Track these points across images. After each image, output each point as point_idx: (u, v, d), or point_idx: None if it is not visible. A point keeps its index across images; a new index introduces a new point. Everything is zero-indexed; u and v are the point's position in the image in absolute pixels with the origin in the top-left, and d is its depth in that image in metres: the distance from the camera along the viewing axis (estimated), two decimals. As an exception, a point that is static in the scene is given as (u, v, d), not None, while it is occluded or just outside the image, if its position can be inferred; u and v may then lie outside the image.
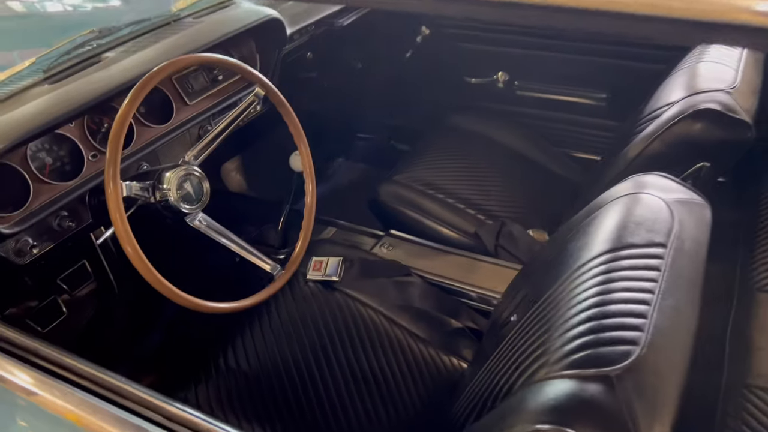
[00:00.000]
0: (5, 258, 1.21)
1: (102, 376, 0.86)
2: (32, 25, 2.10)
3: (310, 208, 1.37)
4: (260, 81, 1.29)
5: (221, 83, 1.64)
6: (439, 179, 1.85)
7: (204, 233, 1.27)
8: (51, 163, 1.29)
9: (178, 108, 1.52)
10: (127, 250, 1.02)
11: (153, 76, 1.10)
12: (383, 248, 1.67)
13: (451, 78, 2.24)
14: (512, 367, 0.86)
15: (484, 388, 0.96)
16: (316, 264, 1.52)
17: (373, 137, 2.59)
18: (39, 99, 1.26)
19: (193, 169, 1.23)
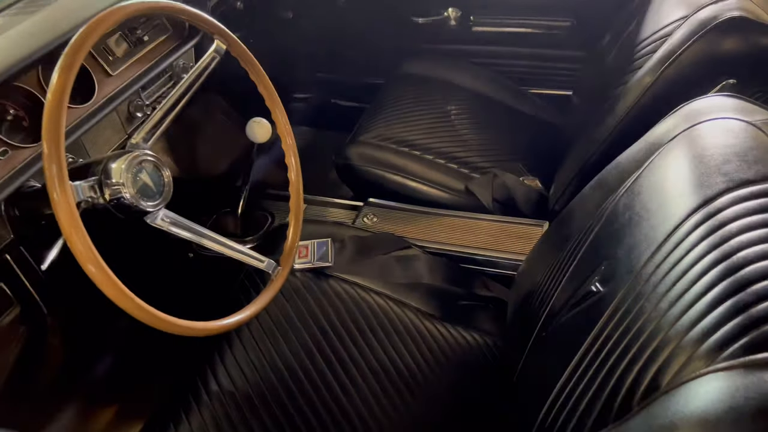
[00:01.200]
0: None
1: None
2: None
3: (297, 186, 1.13)
4: (222, 32, 1.02)
5: (146, 45, 1.33)
6: (411, 134, 1.64)
7: (169, 233, 1.00)
8: None
9: (100, 81, 1.21)
10: (91, 271, 0.76)
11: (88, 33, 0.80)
12: (367, 220, 1.46)
13: (397, 20, 2.01)
14: (631, 362, 0.69)
15: (571, 384, 0.79)
16: (301, 250, 1.29)
17: (310, 96, 2.33)
18: None
19: (147, 155, 0.95)
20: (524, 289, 1.16)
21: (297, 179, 1.12)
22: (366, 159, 1.57)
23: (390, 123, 1.68)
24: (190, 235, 1.01)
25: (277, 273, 1.05)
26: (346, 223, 1.43)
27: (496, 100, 1.83)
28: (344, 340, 1.16)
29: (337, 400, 1.09)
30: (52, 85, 0.75)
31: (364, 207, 1.49)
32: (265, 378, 1.11)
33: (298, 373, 1.11)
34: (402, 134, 1.63)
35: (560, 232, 1.10)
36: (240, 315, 0.95)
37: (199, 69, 1.02)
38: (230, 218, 1.53)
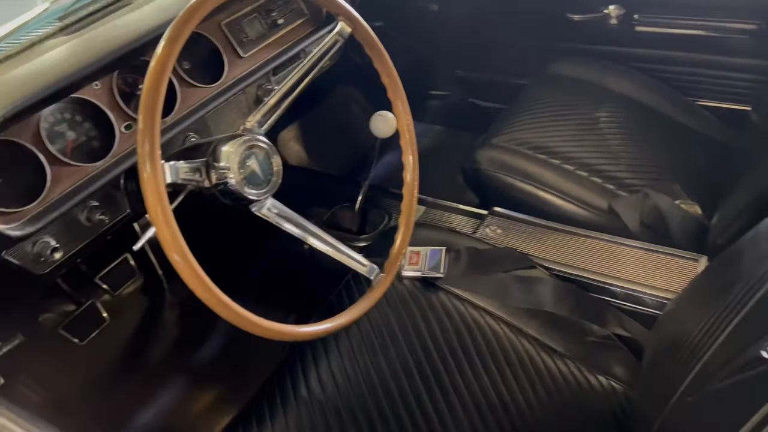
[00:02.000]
0: (21, 268, 0.92)
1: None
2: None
3: (412, 188, 1.03)
4: (348, 14, 0.94)
5: (281, 28, 1.30)
6: (551, 141, 1.48)
7: (274, 224, 0.94)
8: (74, 138, 0.98)
9: (231, 62, 1.19)
10: (174, 260, 0.71)
11: (198, 6, 0.76)
12: (489, 230, 1.33)
13: (549, 17, 1.84)
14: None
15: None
16: (412, 256, 1.19)
17: (448, 94, 2.22)
18: (51, 53, 0.95)
19: (259, 140, 0.90)
20: (669, 336, 0.97)
21: (412, 180, 1.02)
22: (496, 164, 1.44)
23: (528, 126, 1.53)
24: (294, 229, 0.94)
25: (378, 280, 0.96)
26: (465, 232, 1.31)
27: (656, 110, 1.60)
28: (447, 362, 1.05)
29: (431, 428, 0.97)
30: (155, 59, 0.71)
31: (488, 216, 1.36)
32: (356, 390, 1.02)
33: (392, 391, 1.01)
34: (540, 140, 1.47)
35: (723, 274, 0.89)
36: (331, 323, 0.87)
37: (320, 53, 0.95)
38: (348, 213, 1.47)
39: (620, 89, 1.65)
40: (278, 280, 1.54)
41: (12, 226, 0.86)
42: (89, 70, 0.90)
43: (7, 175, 0.90)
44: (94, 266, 1.42)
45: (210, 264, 0.84)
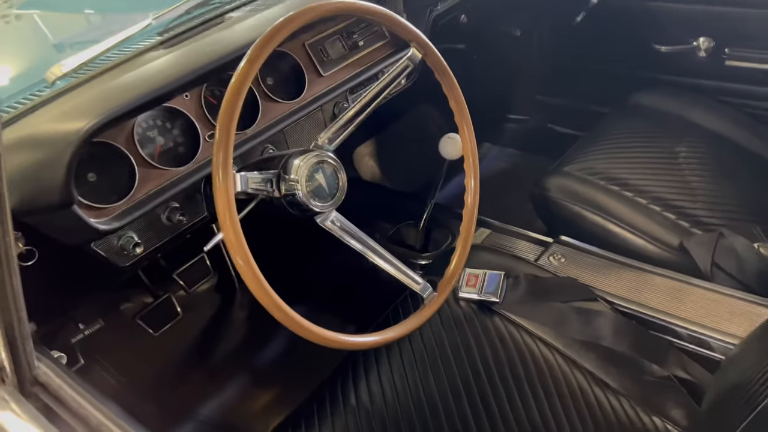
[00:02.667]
0: (106, 259, 1.01)
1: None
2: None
3: (472, 210, 1.05)
4: (419, 40, 0.98)
5: (361, 50, 1.35)
6: (626, 172, 1.45)
7: (336, 236, 0.98)
8: (162, 144, 1.07)
9: (311, 80, 1.25)
10: (237, 263, 0.76)
11: (280, 27, 0.82)
12: (552, 259, 1.32)
13: (634, 46, 1.81)
14: None
15: None
16: (471, 278, 1.20)
17: (527, 119, 2.21)
18: (150, 65, 1.04)
19: (327, 156, 0.94)
20: (731, 381, 0.94)
21: (473, 203, 1.04)
22: (566, 192, 1.42)
23: (603, 156, 1.51)
24: (355, 243, 0.98)
25: (430, 298, 0.98)
26: (528, 258, 1.31)
27: (742, 146, 1.54)
28: (497, 388, 1.05)
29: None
30: (235, 76, 0.77)
31: (553, 244, 1.35)
32: (403, 405, 1.04)
33: (439, 411, 1.03)
34: (614, 171, 1.45)
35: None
36: (379, 336, 0.90)
37: (391, 76, 0.99)
38: (412, 231, 1.50)
39: (705, 123, 1.60)
40: (338, 291, 1.58)
41: (102, 220, 0.95)
42: (181, 83, 0.98)
43: (101, 173, 0.99)
44: (173, 262, 1.51)
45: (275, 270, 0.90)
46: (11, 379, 0.56)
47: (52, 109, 0.96)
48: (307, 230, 1.06)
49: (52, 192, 0.84)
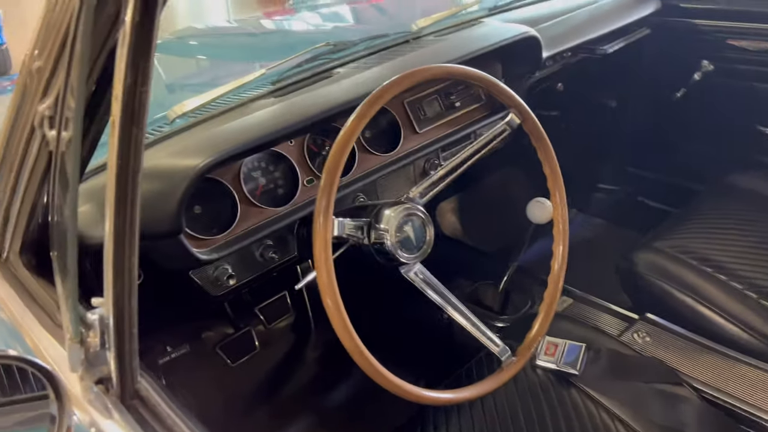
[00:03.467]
0: (200, 287, 1.07)
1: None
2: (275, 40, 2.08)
3: (558, 278, 1.04)
4: (519, 106, 1.01)
5: (457, 111, 1.40)
6: (720, 254, 1.39)
7: (418, 288, 1.00)
8: (264, 184, 1.13)
9: (407, 136, 1.30)
10: (327, 303, 0.79)
11: (389, 87, 0.87)
12: (637, 336, 1.27)
13: (735, 125, 1.76)
14: None
15: None
16: (549, 346, 1.18)
17: (617, 189, 2.17)
18: (261, 111, 1.12)
19: (417, 209, 0.98)
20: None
21: (559, 270, 1.03)
22: (655, 269, 1.38)
23: (696, 235, 1.46)
24: (437, 297, 1.00)
25: (508, 363, 0.97)
26: (611, 333, 1.27)
27: None
28: (569, 463, 1.01)
29: None
30: (344, 129, 0.82)
31: (639, 321, 1.30)
32: None
33: (507, 479, 1.00)
34: (708, 251, 1.39)
35: None
36: (454, 394, 0.90)
37: (487, 139, 1.02)
38: (491, 291, 1.50)
39: (810, 210, 1.52)
40: (412, 342, 1.58)
41: (203, 250, 1.01)
42: (288, 131, 1.05)
43: (206, 207, 1.06)
44: (255, 297, 1.57)
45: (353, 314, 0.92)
46: (116, 390, 0.60)
47: (171, 144, 1.05)
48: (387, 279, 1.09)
49: (164, 221, 0.91)
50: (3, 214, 0.81)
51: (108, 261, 0.55)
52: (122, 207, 0.53)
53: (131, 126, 0.50)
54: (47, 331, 0.73)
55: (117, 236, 0.54)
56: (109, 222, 0.54)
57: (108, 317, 0.58)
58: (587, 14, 1.64)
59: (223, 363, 1.49)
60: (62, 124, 0.58)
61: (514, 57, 1.40)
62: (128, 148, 0.51)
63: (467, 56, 1.27)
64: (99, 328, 0.60)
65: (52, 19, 0.62)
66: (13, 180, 0.75)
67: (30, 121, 0.66)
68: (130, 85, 0.49)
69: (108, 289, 0.56)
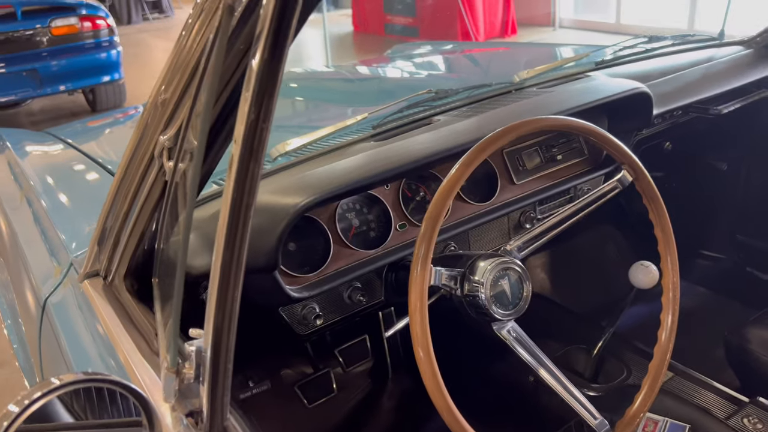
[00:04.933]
0: (288, 325, 1.07)
1: None
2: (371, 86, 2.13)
3: (665, 349, 0.96)
4: (633, 164, 0.96)
5: (558, 164, 1.35)
6: None
7: (510, 348, 0.95)
8: (357, 226, 1.13)
9: (503, 186, 1.27)
10: (419, 355, 0.77)
11: (498, 137, 0.85)
12: (747, 422, 1.15)
13: None
14: None
15: None
16: (649, 423, 1.09)
17: (722, 258, 2.02)
18: (360, 155, 1.12)
19: (515, 263, 0.94)
20: None
21: (667, 341, 0.95)
22: None
23: (820, 316, 1.32)
24: (529, 358, 0.94)
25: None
26: (717, 415, 1.16)
27: None
28: None
29: None
30: (448, 177, 0.80)
31: (749, 405, 1.18)
32: None
33: None
34: (834, 335, 1.26)
35: None
36: None
37: (596, 195, 0.97)
38: (583, 356, 1.41)
39: None
40: (499, 404, 1.51)
41: (294, 288, 1.01)
42: (386, 176, 1.05)
43: (300, 244, 1.07)
44: (335, 339, 1.56)
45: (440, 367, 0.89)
46: (205, 424, 0.60)
47: (272, 182, 1.07)
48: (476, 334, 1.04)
49: (262, 255, 0.92)
50: (114, 238, 0.85)
51: (213, 293, 0.55)
52: (232, 240, 0.53)
53: (250, 161, 0.51)
54: (143, 356, 0.75)
55: (224, 268, 0.54)
56: (218, 254, 0.54)
57: (206, 350, 0.57)
58: (701, 72, 1.57)
59: (299, 403, 1.48)
60: (180, 155, 0.60)
61: (622, 113, 1.35)
62: (245, 183, 0.51)
63: (573, 110, 1.23)
64: (195, 360, 0.60)
65: (182, 56, 0.65)
66: (128, 206, 0.79)
67: (150, 150, 0.69)
68: (253, 122, 0.49)
69: (209, 321, 0.56)
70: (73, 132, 2.16)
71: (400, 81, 2.18)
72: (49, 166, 1.87)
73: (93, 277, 0.95)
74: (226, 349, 0.57)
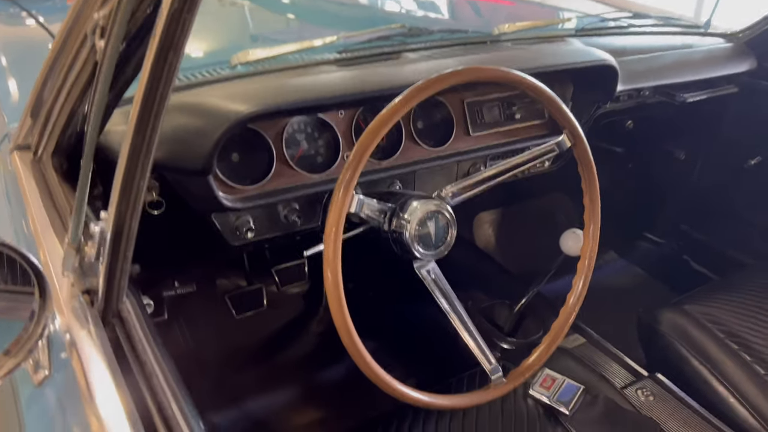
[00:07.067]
0: (219, 233, 1.08)
1: None
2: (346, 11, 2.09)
3: (570, 312, 1.00)
4: (574, 129, 0.97)
5: (515, 123, 1.36)
6: (751, 333, 1.32)
7: (427, 287, 0.98)
8: (305, 149, 1.13)
9: (458, 135, 1.28)
10: (327, 276, 0.79)
11: (445, 77, 0.85)
12: (640, 394, 1.22)
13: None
14: None
15: None
16: (547, 379, 1.15)
17: (662, 243, 2.09)
18: (319, 75, 1.11)
19: (445, 208, 0.96)
20: None
21: (573, 304, 1.00)
22: (678, 331, 1.32)
23: (731, 308, 1.38)
24: (442, 301, 0.98)
25: (496, 383, 0.95)
26: (615, 383, 1.22)
27: None
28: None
29: None
30: (387, 107, 0.81)
31: (646, 379, 1.25)
32: None
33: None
34: (738, 327, 1.32)
35: None
36: (430, 398, 0.88)
37: (533, 154, 0.99)
38: (505, 311, 1.46)
39: None
40: (416, 341, 1.57)
41: (229, 197, 1.02)
42: (340, 100, 1.04)
43: (243, 157, 1.07)
44: (275, 258, 1.58)
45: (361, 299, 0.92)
46: (99, 304, 0.61)
47: (224, 87, 1.05)
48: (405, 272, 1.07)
49: (197, 158, 0.92)
50: (46, 113, 0.83)
51: (118, 178, 0.56)
52: (143, 126, 0.53)
53: (169, 50, 0.50)
54: (55, 232, 0.75)
55: (132, 154, 0.54)
56: (128, 139, 0.54)
57: (107, 231, 0.58)
58: (676, 57, 1.57)
59: (228, 313, 1.51)
60: (111, 35, 0.59)
61: (588, 82, 1.36)
62: (161, 71, 0.51)
63: (540, 69, 1.23)
64: (98, 240, 0.60)
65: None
66: (60, 81, 0.77)
67: (84, 27, 0.67)
68: (176, 11, 0.49)
69: (113, 204, 0.57)
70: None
71: (378, 11, 2.14)
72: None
73: (24, 150, 0.94)
74: (127, 233, 0.58)
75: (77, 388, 0.56)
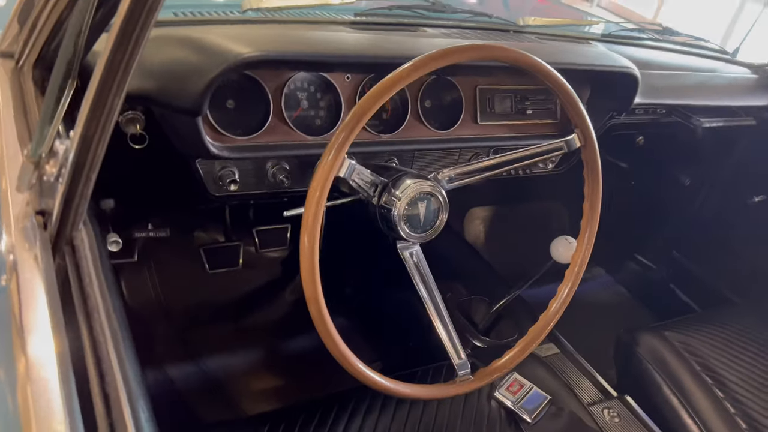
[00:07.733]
0: (201, 180, 1.03)
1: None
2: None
3: (550, 318, 0.97)
4: (586, 130, 0.92)
5: (525, 118, 1.31)
6: (726, 370, 1.29)
7: (407, 270, 0.94)
8: (305, 108, 1.08)
9: (465, 121, 1.23)
10: (303, 241, 0.74)
11: (459, 51, 0.80)
12: (606, 413, 1.19)
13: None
14: None
15: None
16: (515, 384, 1.11)
17: (653, 268, 2.06)
18: (329, 33, 1.06)
19: (439, 191, 0.91)
20: None
21: (555, 312, 0.96)
22: (654, 356, 1.29)
23: (711, 342, 1.35)
24: (421, 287, 0.94)
25: (462, 379, 0.91)
26: (582, 399, 1.19)
27: None
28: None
29: None
30: (392, 73, 0.76)
31: (615, 399, 1.22)
32: None
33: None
34: (715, 362, 1.29)
35: None
36: (392, 384, 0.84)
37: (539, 149, 0.95)
38: (482, 308, 1.42)
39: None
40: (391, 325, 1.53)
41: (217, 144, 0.97)
42: (348, 60, 0.99)
43: (239, 106, 1.01)
44: (259, 219, 1.54)
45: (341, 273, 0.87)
46: (52, 228, 0.56)
47: (230, 29, 1.00)
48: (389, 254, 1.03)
49: (188, 96, 0.86)
50: (33, 20, 0.78)
51: (90, 93, 0.51)
52: (125, 42, 0.48)
53: None
54: (21, 146, 0.70)
55: (109, 69, 0.49)
56: (107, 53, 0.49)
57: (71, 151, 0.53)
58: (698, 79, 1.53)
59: (201, 266, 1.47)
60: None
61: (606, 88, 1.31)
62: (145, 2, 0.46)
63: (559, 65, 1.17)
64: (61, 159, 0.56)
65: None
66: (51, -12, 0.72)
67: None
68: None
69: (80, 124, 0.52)
70: None
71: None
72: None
73: (6, 57, 0.88)
74: (93, 157, 0.53)
75: (9, 316, 0.51)
